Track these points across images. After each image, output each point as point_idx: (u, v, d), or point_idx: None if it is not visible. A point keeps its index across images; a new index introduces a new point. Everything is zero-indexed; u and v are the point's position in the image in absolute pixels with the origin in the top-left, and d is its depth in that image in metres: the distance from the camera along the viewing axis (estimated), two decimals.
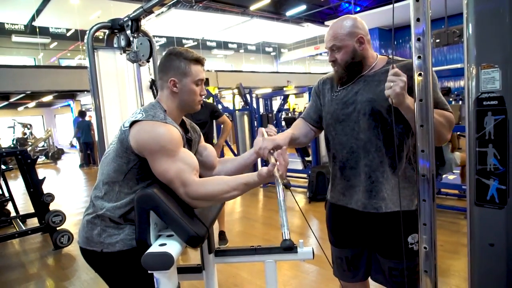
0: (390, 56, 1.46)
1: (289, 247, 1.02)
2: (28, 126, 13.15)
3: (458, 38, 6.61)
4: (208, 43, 19.49)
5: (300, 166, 6.50)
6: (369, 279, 1.62)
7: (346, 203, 1.51)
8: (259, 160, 5.39)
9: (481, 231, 0.82)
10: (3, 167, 4.01)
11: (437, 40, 6.94)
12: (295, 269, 2.85)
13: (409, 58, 1.35)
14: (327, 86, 1.60)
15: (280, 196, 1.17)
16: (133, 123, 1.24)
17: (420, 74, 1.06)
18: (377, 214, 1.42)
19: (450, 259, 2.81)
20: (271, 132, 1.48)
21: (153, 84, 3.00)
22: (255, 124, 6.28)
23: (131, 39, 2.90)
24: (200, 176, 1.29)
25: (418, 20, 1.02)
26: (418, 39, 1.03)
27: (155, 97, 2.96)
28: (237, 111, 6.40)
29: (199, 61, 1.37)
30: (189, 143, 1.41)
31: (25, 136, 12.85)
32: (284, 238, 1.06)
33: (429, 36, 1.03)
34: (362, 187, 1.44)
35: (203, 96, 1.41)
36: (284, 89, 12.73)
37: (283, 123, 8.76)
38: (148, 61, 2.92)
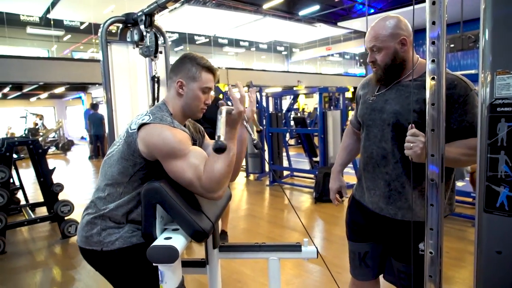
0: None
1: (220, 147, 1.01)
2: (41, 117, 13.39)
3: (473, 43, 6.52)
4: (220, 40, 19.49)
5: (307, 166, 6.49)
6: (381, 280, 1.65)
7: (365, 201, 1.56)
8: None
9: (488, 238, 0.81)
10: (14, 156, 4.07)
11: (452, 45, 6.86)
12: (298, 269, 2.85)
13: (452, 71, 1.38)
14: (365, 90, 1.62)
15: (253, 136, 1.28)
16: (140, 125, 1.24)
17: (433, 78, 1.05)
18: (393, 220, 1.46)
19: (456, 267, 2.78)
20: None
21: (153, 80, 2.99)
22: (264, 123, 6.28)
23: (144, 33, 2.92)
24: None
25: (433, 23, 1.01)
26: (433, 43, 1.02)
27: (153, 94, 2.99)
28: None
29: (210, 70, 1.37)
30: (193, 145, 1.42)
31: (37, 127, 13.07)
32: (216, 140, 1.04)
33: (444, 40, 1.02)
34: (381, 193, 1.48)
35: (207, 105, 1.41)
36: (294, 88, 12.69)
37: (292, 122, 8.74)
38: (155, 56, 2.93)
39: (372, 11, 15.40)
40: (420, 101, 1.33)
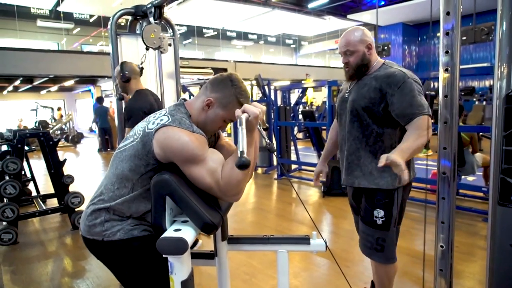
0: (386, 61, 1.81)
1: (243, 164, 0.98)
2: (52, 109, 13.63)
3: (486, 36, 6.38)
4: (228, 33, 19.42)
5: (315, 160, 6.47)
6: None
7: (341, 181, 1.94)
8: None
9: (502, 231, 0.80)
10: (26, 148, 4.13)
11: (464, 38, 6.74)
12: (306, 262, 2.86)
13: (402, 67, 1.78)
14: (342, 87, 1.99)
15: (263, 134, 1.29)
16: (158, 127, 1.23)
17: (446, 70, 1.03)
18: (355, 188, 1.87)
19: (465, 261, 2.76)
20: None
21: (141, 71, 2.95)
22: (272, 116, 6.26)
23: (145, 25, 2.92)
24: None
25: (448, 13, 0.98)
26: (447, 33, 1.00)
27: None
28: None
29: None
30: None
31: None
32: (239, 156, 1.00)
33: (459, 31, 1.00)
34: (343, 167, 1.88)
35: (219, 131, 1.46)
36: (303, 82, 12.62)
37: (300, 116, 8.70)
38: (155, 49, 2.90)
39: (382, 3, 15.17)
40: (370, 90, 1.72)
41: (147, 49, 2.86)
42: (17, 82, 14.40)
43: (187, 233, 1.10)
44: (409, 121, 1.63)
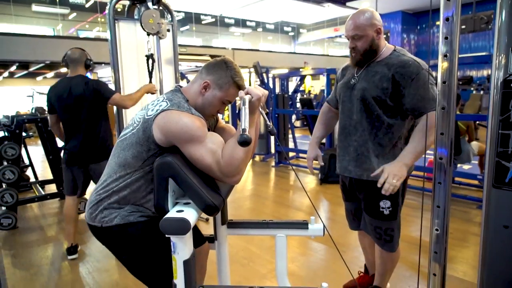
0: (397, 47, 1.72)
1: (245, 141, 1.02)
2: None
3: (485, 25, 6.37)
4: (226, 20, 19.24)
5: None
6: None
7: (338, 169, 1.88)
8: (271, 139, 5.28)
9: (496, 213, 0.83)
10: (23, 134, 4.12)
11: (463, 26, 6.71)
12: (304, 247, 2.91)
13: (412, 55, 1.69)
14: (343, 73, 1.89)
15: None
16: (158, 112, 1.26)
17: (445, 56, 1.04)
18: (360, 180, 1.77)
19: (459, 247, 2.82)
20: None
21: (149, 58, 2.98)
22: (270, 104, 6.26)
23: (143, 10, 2.89)
24: None
25: None
26: (447, 19, 1.01)
27: (149, 71, 2.98)
28: None
29: (239, 88, 1.38)
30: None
31: None
32: (241, 133, 1.04)
33: (459, 17, 1.01)
34: (350, 158, 1.78)
35: (218, 113, 1.46)
36: (301, 70, 12.58)
37: (298, 104, 8.71)
38: (153, 34, 2.90)
39: None
40: (383, 79, 1.63)
41: (148, 35, 2.86)
42: (12, 68, 14.25)
43: (190, 214, 1.12)
44: (420, 115, 1.59)
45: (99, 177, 1.41)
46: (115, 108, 3.10)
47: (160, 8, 3.08)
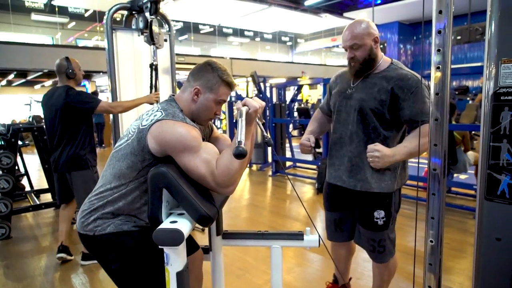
0: (394, 60, 1.73)
1: (241, 153, 1.02)
2: None
3: (480, 36, 6.45)
4: (225, 30, 19.38)
5: (310, 157, 6.50)
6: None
7: (329, 178, 1.87)
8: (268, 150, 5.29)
9: (489, 225, 0.83)
10: (19, 142, 4.10)
11: (458, 37, 6.79)
12: (300, 258, 2.89)
13: (411, 69, 1.68)
14: (338, 81, 1.88)
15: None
16: (152, 122, 1.26)
17: (438, 68, 1.05)
18: (353, 191, 1.74)
19: (456, 257, 2.80)
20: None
21: (151, 68, 3.00)
22: (268, 113, 6.28)
23: (150, 21, 2.92)
24: None
25: (440, 12, 1.00)
26: (439, 32, 1.02)
27: (151, 81, 3.00)
28: None
29: (230, 85, 1.39)
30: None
31: None
32: (237, 145, 1.04)
33: (450, 29, 1.02)
34: (345, 167, 1.76)
35: (216, 116, 1.44)
36: (298, 79, 12.64)
37: (296, 113, 8.73)
38: (154, 44, 2.93)
39: (378, 1, 15.21)
40: (381, 91, 1.63)
41: (150, 44, 2.89)
42: (10, 77, 14.27)
43: (183, 225, 1.11)
44: (416, 127, 1.61)
45: (76, 188, 1.40)
46: (111, 116, 3.10)
47: (158, 18, 3.11)
